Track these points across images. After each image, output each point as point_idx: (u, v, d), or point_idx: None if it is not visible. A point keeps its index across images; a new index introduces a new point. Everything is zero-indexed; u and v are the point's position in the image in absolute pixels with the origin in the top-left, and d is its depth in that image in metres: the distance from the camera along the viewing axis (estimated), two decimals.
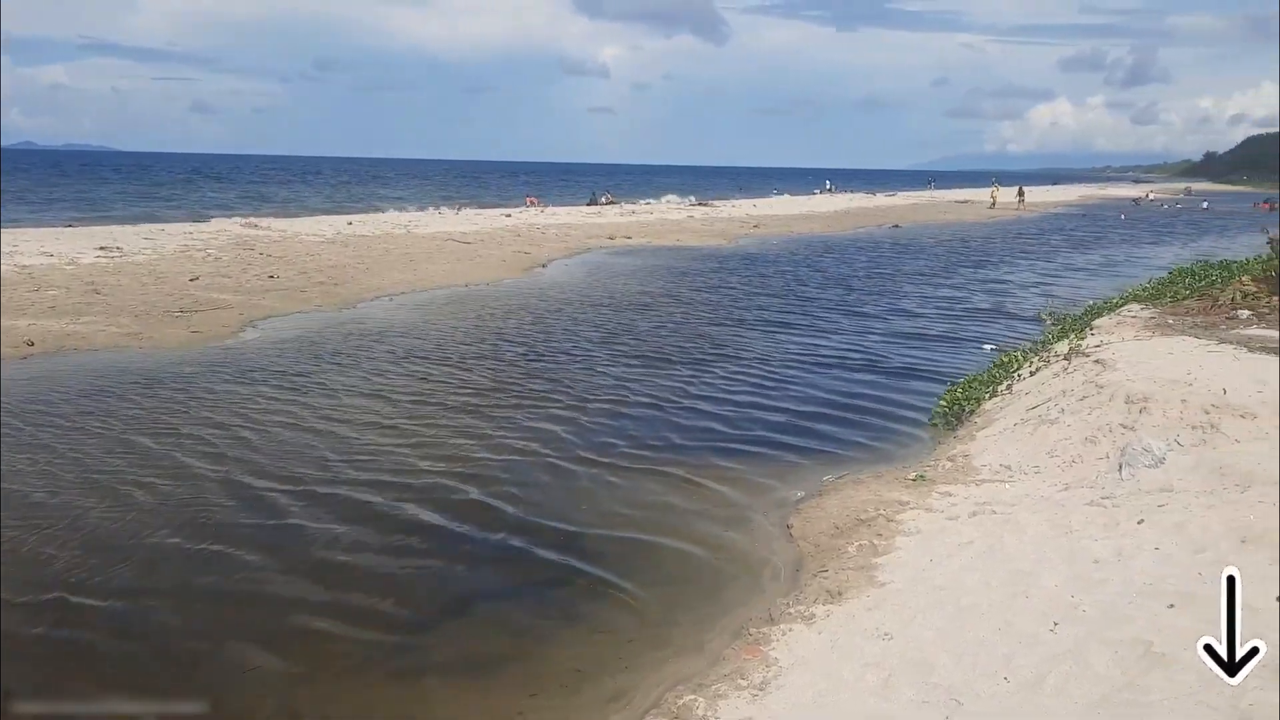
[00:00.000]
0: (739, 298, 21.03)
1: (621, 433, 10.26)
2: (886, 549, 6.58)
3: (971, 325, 18.24)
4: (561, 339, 15.52)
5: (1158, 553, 5.52)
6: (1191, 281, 16.35)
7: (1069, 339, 12.39)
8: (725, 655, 5.32)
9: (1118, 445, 7.76)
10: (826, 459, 9.38)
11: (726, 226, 41.99)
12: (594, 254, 30.09)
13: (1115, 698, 4.01)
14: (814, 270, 27.08)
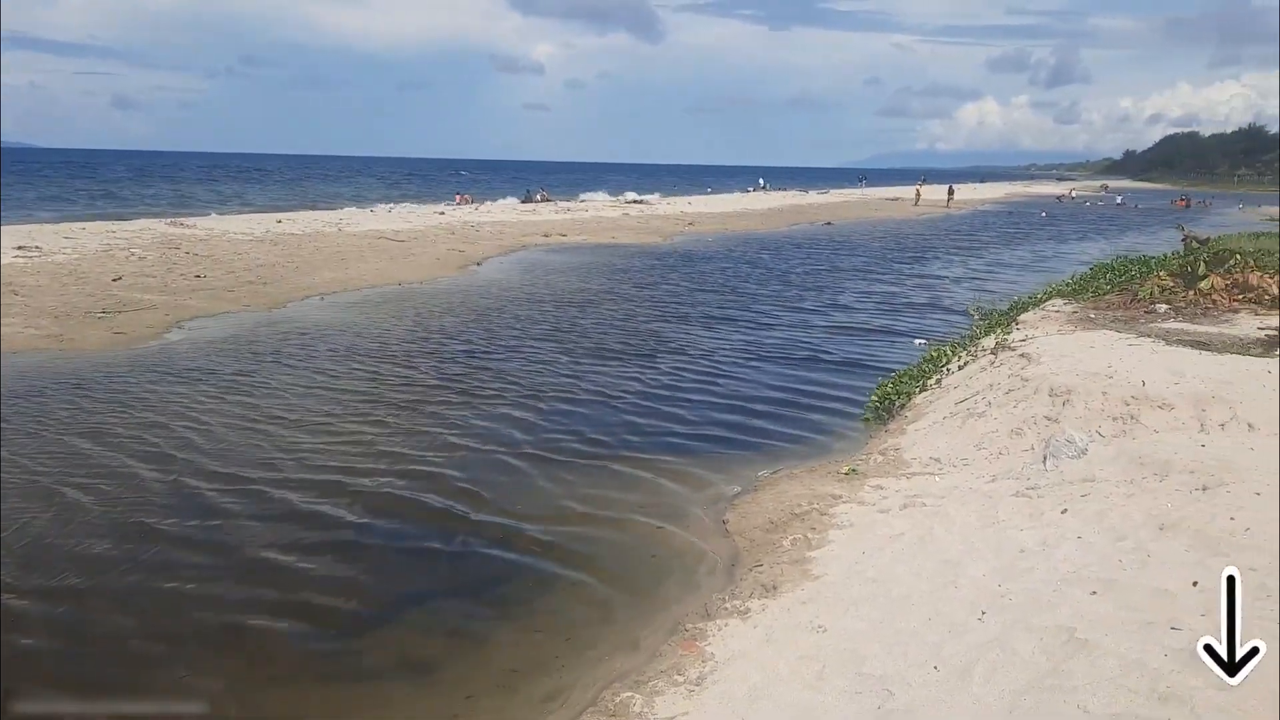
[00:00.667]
0: (679, 294, 21.12)
1: (562, 429, 10.24)
2: (820, 542, 6.66)
3: (906, 319, 18.58)
4: (500, 337, 15.43)
5: (1080, 541, 5.68)
6: (1112, 277, 16.85)
7: (995, 334, 12.67)
8: (662, 651, 5.34)
9: (1042, 437, 7.96)
10: (762, 453, 9.47)
11: (662, 224, 42.09)
12: (530, 252, 29.94)
13: (1041, 684, 4.12)
14: (753, 267, 27.31)
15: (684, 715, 4.42)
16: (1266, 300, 13.34)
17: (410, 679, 5.43)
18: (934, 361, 12.44)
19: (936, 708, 4.06)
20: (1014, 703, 3.98)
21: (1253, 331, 11.45)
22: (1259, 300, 13.32)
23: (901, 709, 4.10)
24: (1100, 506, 6.22)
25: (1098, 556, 5.40)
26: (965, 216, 58.40)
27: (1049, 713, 3.85)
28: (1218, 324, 12.16)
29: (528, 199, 55.34)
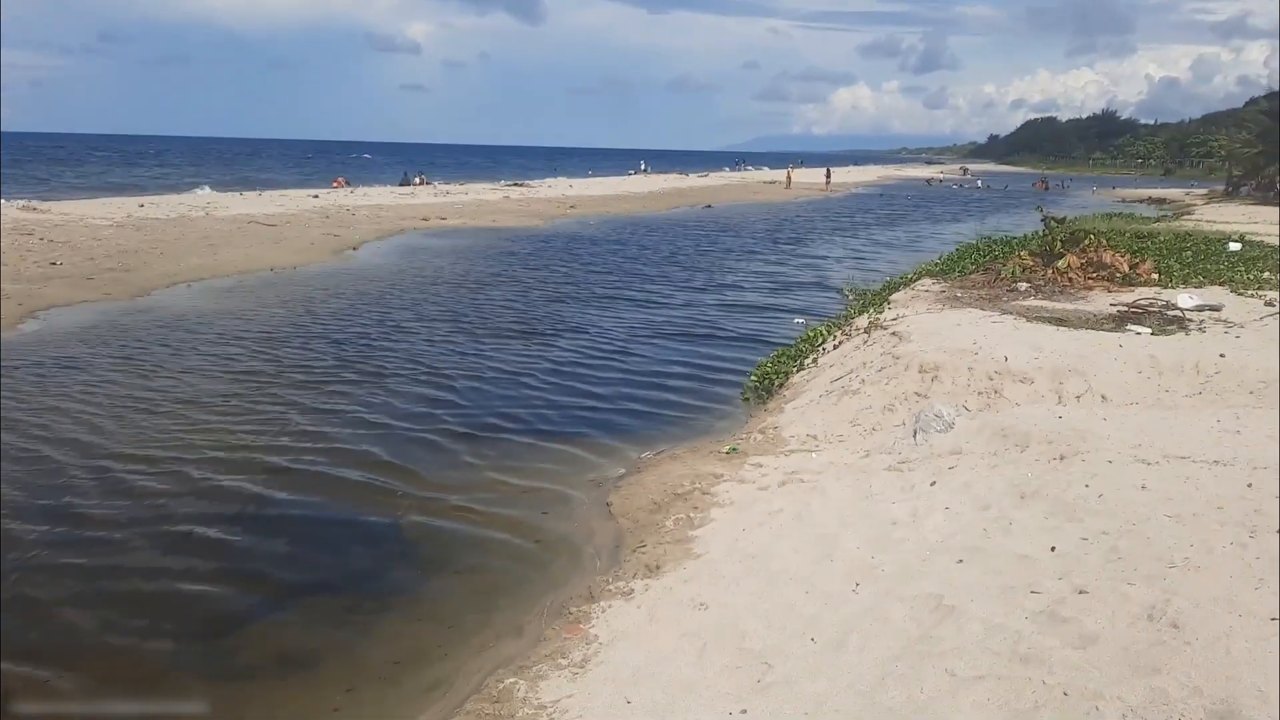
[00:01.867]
0: (563, 277, 21.06)
1: (445, 415, 10.10)
2: (702, 521, 6.76)
3: (791, 297, 19.03)
4: (377, 322, 15.10)
5: (948, 512, 5.91)
6: (977, 257, 17.56)
7: (869, 313, 13.04)
8: (547, 636, 5.34)
9: (913, 412, 8.25)
10: (646, 434, 9.55)
11: (544, 207, 41.82)
12: (408, 236, 29.37)
13: (911, 650, 4.28)
14: (640, 248, 27.48)
15: (568, 698, 4.44)
16: (1118, 278, 14.11)
17: (288, 675, 5.30)
18: (811, 341, 12.73)
19: (813, 678, 4.17)
20: (886, 669, 4.13)
21: (1106, 308, 12.10)
22: (1111, 278, 14.07)
23: (780, 681, 4.20)
24: (966, 478, 6.49)
25: (964, 526, 5.63)
26: (842, 199, 59.89)
27: (918, 677, 4.00)
28: (1074, 301, 12.81)
29: (405, 182, 54.18)
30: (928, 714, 3.75)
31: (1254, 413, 7.53)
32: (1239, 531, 4.92)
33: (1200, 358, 9.00)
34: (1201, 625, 3.97)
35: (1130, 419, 7.39)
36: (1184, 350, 9.38)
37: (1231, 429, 6.87)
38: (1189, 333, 10.49)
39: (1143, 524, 5.13)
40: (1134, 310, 11.67)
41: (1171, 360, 8.99)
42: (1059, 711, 3.59)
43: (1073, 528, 5.25)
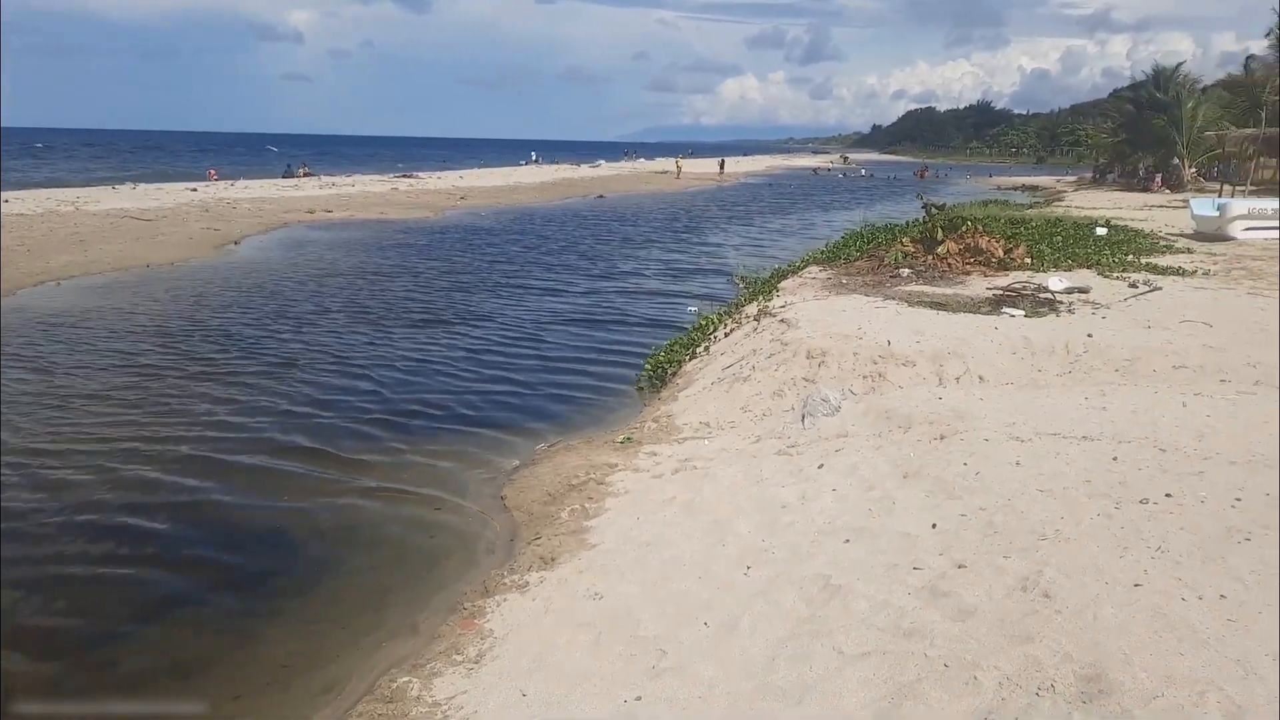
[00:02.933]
0: (458, 268, 20.83)
1: (336, 412, 9.90)
2: (597, 511, 6.77)
3: (688, 284, 19.29)
4: (262, 318, 14.66)
5: (835, 494, 6.06)
6: (861, 244, 18.00)
7: (758, 301, 13.25)
8: (441, 633, 5.29)
9: (801, 397, 8.41)
10: (542, 426, 9.52)
11: (434, 199, 41.19)
12: (293, 229, 28.57)
13: (801, 630, 4.38)
14: (537, 238, 27.39)
15: (462, 694, 4.40)
16: (994, 262, 14.65)
17: (174, 683, 5.13)
18: (703, 330, 12.87)
19: (706, 662, 4.23)
20: (777, 650, 4.21)
21: (982, 292, 12.55)
22: (988, 263, 14.60)
23: (674, 667, 4.25)
24: (853, 459, 6.66)
25: (850, 507, 5.78)
26: (734, 188, 60.67)
27: (807, 656, 4.10)
28: (953, 285, 13.25)
29: (289, 174, 52.63)
30: (816, 692, 3.85)
31: (1119, 389, 7.93)
32: (1105, 503, 5.18)
33: (1070, 338, 9.43)
34: (1071, 594, 4.16)
35: (1005, 398, 7.70)
36: (1055, 331, 9.81)
37: (1098, 405, 7.22)
38: (1059, 314, 10.97)
39: (1017, 499, 5.35)
40: (1008, 294, 12.13)
41: (1043, 341, 9.39)
42: (940, 683, 3.72)
43: (952, 505, 5.45)
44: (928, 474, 5.99)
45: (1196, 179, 46.80)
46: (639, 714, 3.97)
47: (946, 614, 4.22)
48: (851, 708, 3.73)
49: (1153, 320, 10.58)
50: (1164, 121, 47.49)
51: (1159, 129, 47.82)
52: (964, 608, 4.23)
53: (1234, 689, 3.40)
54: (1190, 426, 6.55)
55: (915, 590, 4.51)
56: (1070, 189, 52.11)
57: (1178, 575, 4.29)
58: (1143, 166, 50.19)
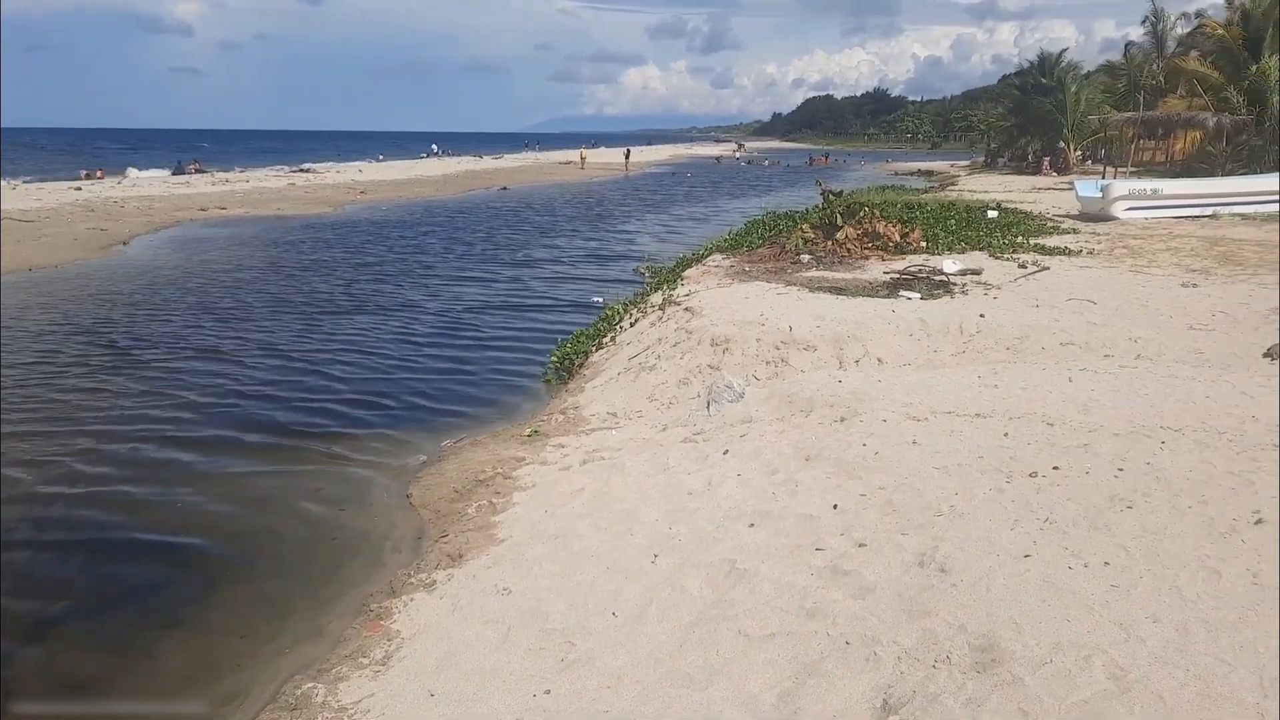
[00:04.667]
0: (355, 264, 20.37)
1: (233, 413, 9.64)
2: (505, 506, 6.73)
3: (598, 274, 19.26)
4: (157, 320, 14.13)
5: (740, 479, 6.13)
6: (763, 232, 18.22)
7: (663, 290, 13.31)
8: (346, 636, 5.19)
9: (706, 385, 8.49)
10: (449, 422, 9.41)
11: (332, 194, 40.28)
12: (186, 228, 27.65)
13: (707, 615, 4.43)
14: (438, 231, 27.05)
15: (369, 697, 4.33)
16: (891, 247, 15.00)
17: (67, 702, 4.95)
18: (609, 320, 12.87)
19: (614, 652, 4.25)
20: (684, 636, 4.25)
21: (880, 276, 12.84)
22: (885, 247, 14.94)
23: (582, 658, 4.25)
24: (756, 444, 6.75)
25: (755, 491, 5.87)
26: (640, 177, 60.81)
27: (714, 641, 4.15)
28: (852, 270, 13.52)
29: (179, 171, 50.84)
30: (723, 675, 3.90)
31: (1010, 367, 8.20)
32: (997, 478, 5.36)
33: (963, 319, 9.72)
34: (965, 568, 4.30)
35: (903, 379, 7.89)
36: (949, 313, 10.09)
37: (990, 383, 7.46)
38: (953, 296, 11.29)
39: (914, 477, 5.50)
40: (905, 277, 12.43)
41: (938, 322, 9.65)
42: (842, 660, 3.81)
43: (853, 485, 5.57)
44: (829, 456, 6.11)
45: (1081, 161, 48.62)
46: (548, 707, 3.97)
47: (848, 592, 4.32)
48: (757, 689, 3.79)
49: (1041, 299, 10.97)
50: (1050, 106, 49.18)
51: (1045, 113, 49.51)
52: (864, 585, 4.34)
53: (1117, 651, 3.56)
54: (1076, 401, 6.81)
55: (818, 570, 4.60)
56: (963, 173, 53.63)
57: (1065, 545, 4.46)
58: (1031, 150, 51.94)
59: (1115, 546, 4.42)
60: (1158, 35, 47.44)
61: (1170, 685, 3.34)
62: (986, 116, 76.92)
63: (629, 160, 73.96)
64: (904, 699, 3.50)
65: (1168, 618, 3.78)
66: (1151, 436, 5.91)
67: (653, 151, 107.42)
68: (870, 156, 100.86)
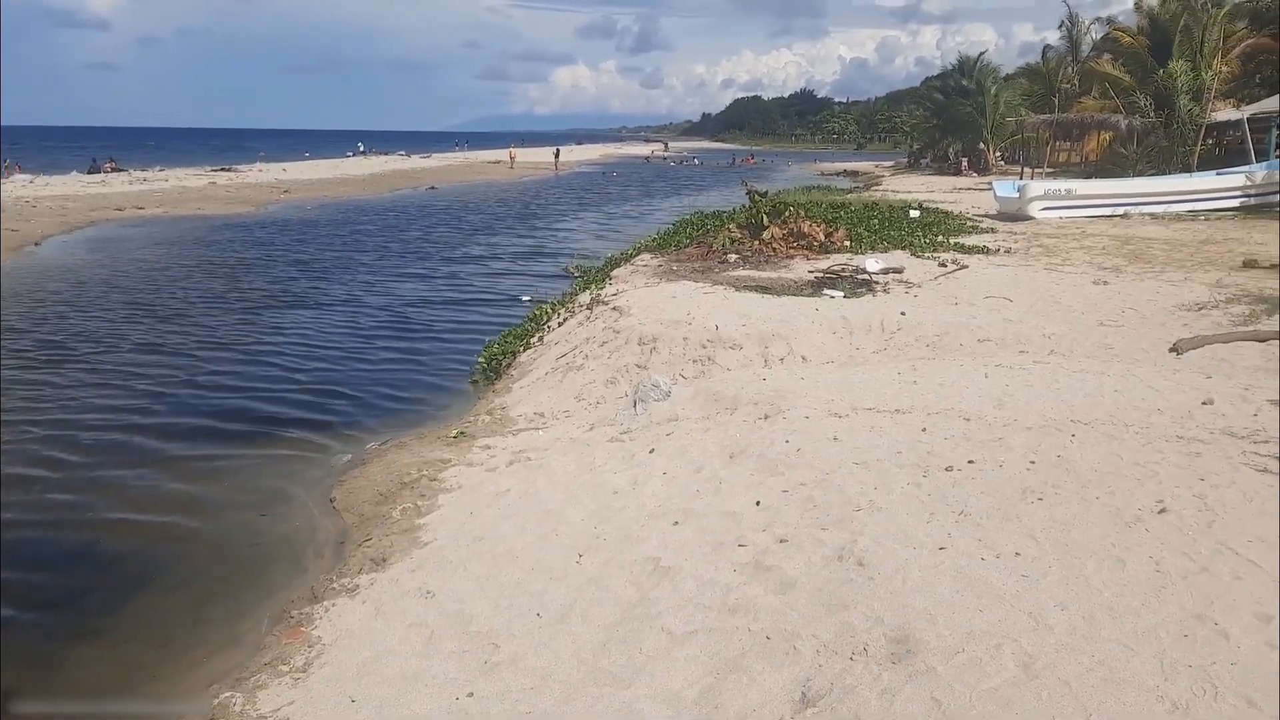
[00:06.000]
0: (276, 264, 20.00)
1: (153, 414, 9.48)
2: (430, 508, 6.67)
3: (529, 272, 19.25)
4: (73, 323, 13.70)
5: (665, 477, 6.17)
6: (691, 231, 18.33)
7: (591, 289, 13.32)
8: (266, 643, 5.10)
9: (633, 384, 8.51)
10: (373, 423, 9.31)
11: (254, 193, 39.43)
12: (101, 228, 26.86)
13: (631, 613, 4.44)
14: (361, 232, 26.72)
15: (289, 705, 4.26)
16: (816, 246, 15.20)
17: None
18: (537, 320, 12.84)
19: (538, 653, 4.24)
20: (608, 636, 4.27)
21: (805, 274, 13.01)
22: (810, 247, 15.14)
23: (506, 660, 4.24)
24: (682, 443, 6.79)
25: (680, 489, 5.90)
26: (570, 177, 60.74)
27: (638, 639, 4.17)
28: (778, 269, 13.68)
29: (95, 170, 49.27)
30: (646, 673, 3.92)
31: (929, 364, 8.38)
32: (914, 472, 5.48)
33: (885, 317, 9.90)
34: (882, 561, 4.39)
35: (826, 376, 8.01)
36: (871, 311, 10.27)
37: (910, 380, 7.61)
38: (876, 294, 11.50)
39: (834, 473, 5.59)
40: (829, 276, 12.62)
41: (861, 320, 9.82)
42: (762, 655, 3.86)
43: (775, 481, 5.64)
44: (753, 453, 6.18)
45: (1000, 162, 49.82)
46: (470, 710, 3.95)
47: (769, 588, 4.38)
48: (679, 685, 3.81)
49: (960, 297, 11.23)
50: (970, 108, 50.31)
51: (966, 115, 50.64)
52: (785, 580, 4.40)
53: (1026, 640, 3.66)
54: (991, 396, 6.99)
55: (740, 567, 4.65)
56: (888, 173, 54.60)
57: (978, 536, 4.58)
58: (952, 151, 53.08)
59: (1026, 537, 4.55)
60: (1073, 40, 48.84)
61: (1076, 671, 3.45)
62: (910, 118, 78.41)
63: (559, 159, 73.75)
64: (822, 691, 3.55)
65: (1075, 606, 3.90)
66: (1062, 430, 6.09)
67: (583, 151, 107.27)
68: (798, 157, 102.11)
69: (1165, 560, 4.24)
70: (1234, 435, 5.95)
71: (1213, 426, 6.16)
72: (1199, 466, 5.35)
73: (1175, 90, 29.73)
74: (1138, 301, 10.93)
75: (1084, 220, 20.65)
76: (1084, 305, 10.87)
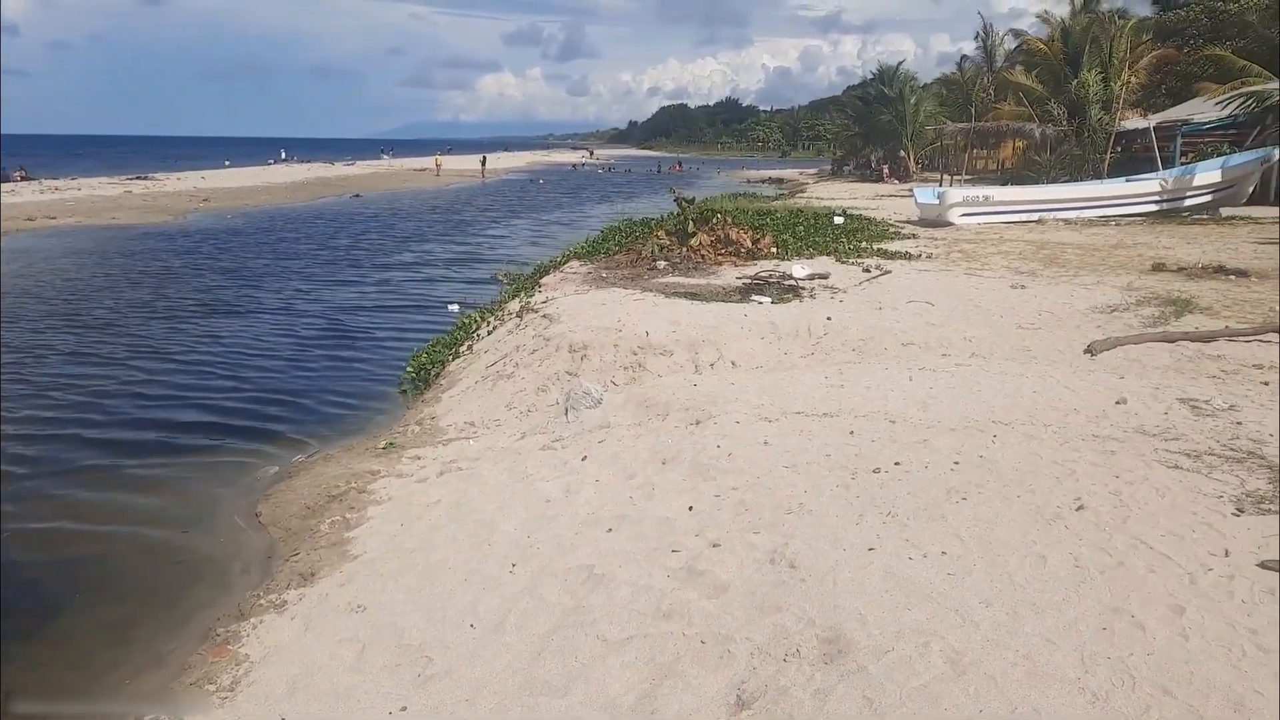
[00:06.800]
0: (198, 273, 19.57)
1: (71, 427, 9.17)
2: (359, 521, 6.57)
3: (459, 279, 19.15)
4: None
5: (598, 484, 6.17)
6: (620, 238, 18.38)
7: (520, 297, 13.27)
8: (191, 663, 4.97)
9: (564, 391, 8.50)
10: (300, 436, 9.13)
11: (172, 202, 38.43)
12: (13, 239, 25.84)
13: (566, 622, 4.44)
14: (286, 239, 26.33)
15: None
16: (743, 252, 15.36)
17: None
18: (466, 328, 12.75)
19: (472, 664, 4.21)
20: (542, 645, 4.26)
21: (733, 281, 13.14)
22: (738, 253, 15.30)
23: (440, 672, 4.20)
24: (615, 449, 6.81)
25: (613, 496, 5.92)
26: (497, 184, 60.45)
27: (573, 648, 4.16)
28: (706, 276, 13.79)
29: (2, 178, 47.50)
30: (581, 681, 3.92)
31: (855, 367, 8.53)
32: (843, 474, 5.57)
33: (812, 322, 10.05)
34: (814, 563, 4.46)
35: (755, 381, 8.10)
36: (799, 316, 10.42)
37: (837, 384, 7.74)
38: (803, 300, 11.66)
39: (765, 476, 5.66)
40: (757, 282, 12.76)
41: (788, 325, 9.95)
42: (697, 659, 3.89)
43: (707, 486, 5.69)
44: (685, 458, 6.22)
45: (920, 169, 50.92)
46: None
47: (703, 592, 4.41)
48: (615, 693, 3.82)
49: (884, 302, 11.45)
50: (891, 116, 51.34)
51: (886, 123, 51.67)
52: (719, 584, 4.44)
53: (953, 636, 3.76)
54: (916, 398, 7.15)
55: (674, 572, 4.68)
56: (812, 180, 55.38)
57: (906, 536, 4.68)
58: (874, 158, 54.11)
59: (952, 536, 4.66)
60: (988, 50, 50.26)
61: (1001, 666, 3.55)
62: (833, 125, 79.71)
63: (486, 167, 73.43)
64: (756, 693, 3.59)
65: (999, 602, 4.01)
66: (984, 431, 6.25)
67: (510, 158, 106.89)
68: (724, 164, 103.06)
69: (1084, 556, 4.38)
70: (1146, 433, 6.18)
71: (1126, 425, 6.38)
72: (1114, 464, 5.54)
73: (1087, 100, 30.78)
74: (1053, 304, 11.26)
75: (1001, 226, 21.22)
76: (1003, 309, 11.16)
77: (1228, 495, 5.04)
